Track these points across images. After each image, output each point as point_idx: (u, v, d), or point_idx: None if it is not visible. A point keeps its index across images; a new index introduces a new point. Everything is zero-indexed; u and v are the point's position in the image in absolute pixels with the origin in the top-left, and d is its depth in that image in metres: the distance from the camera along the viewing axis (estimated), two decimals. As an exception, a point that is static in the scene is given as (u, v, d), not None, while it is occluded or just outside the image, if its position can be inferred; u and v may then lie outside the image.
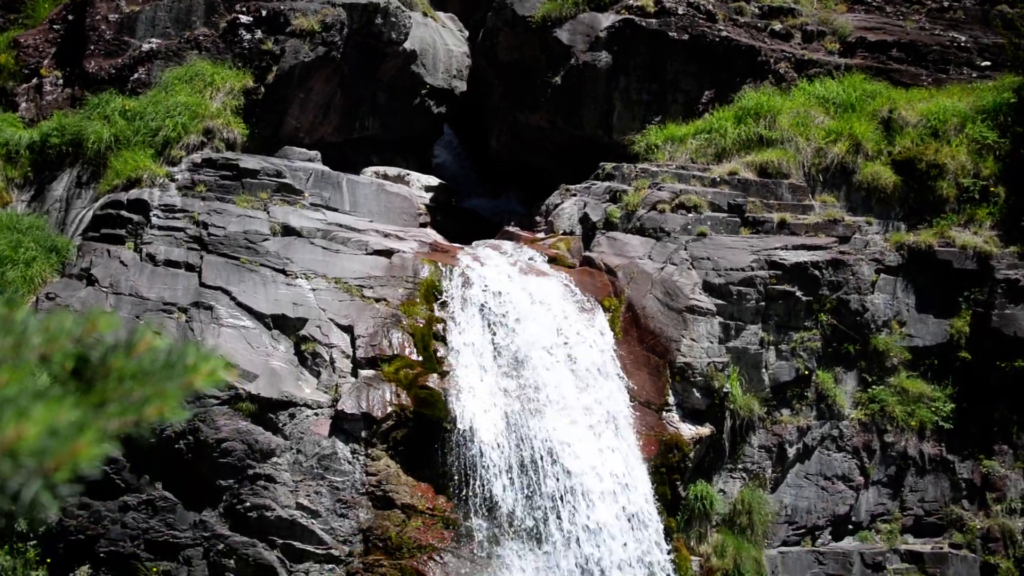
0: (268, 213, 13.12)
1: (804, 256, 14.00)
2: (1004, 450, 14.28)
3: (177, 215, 12.67)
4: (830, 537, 14.05)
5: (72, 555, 10.72)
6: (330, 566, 11.33)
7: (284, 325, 12.27)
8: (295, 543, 11.28)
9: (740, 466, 13.59)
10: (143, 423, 1.16)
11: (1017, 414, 14.29)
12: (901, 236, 15.08)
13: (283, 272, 12.54)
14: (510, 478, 11.56)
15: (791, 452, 13.81)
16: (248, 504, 11.25)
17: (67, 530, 10.69)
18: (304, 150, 14.68)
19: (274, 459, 11.43)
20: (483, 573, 11.24)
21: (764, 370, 13.76)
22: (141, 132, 13.49)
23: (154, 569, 10.94)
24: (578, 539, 11.41)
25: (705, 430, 13.17)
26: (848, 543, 14.07)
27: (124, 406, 1.12)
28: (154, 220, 12.51)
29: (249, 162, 13.67)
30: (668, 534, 12.22)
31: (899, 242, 14.96)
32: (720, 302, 13.53)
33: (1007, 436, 14.30)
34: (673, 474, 12.90)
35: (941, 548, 14.00)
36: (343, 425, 11.72)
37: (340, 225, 13.53)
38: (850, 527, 14.17)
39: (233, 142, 14.30)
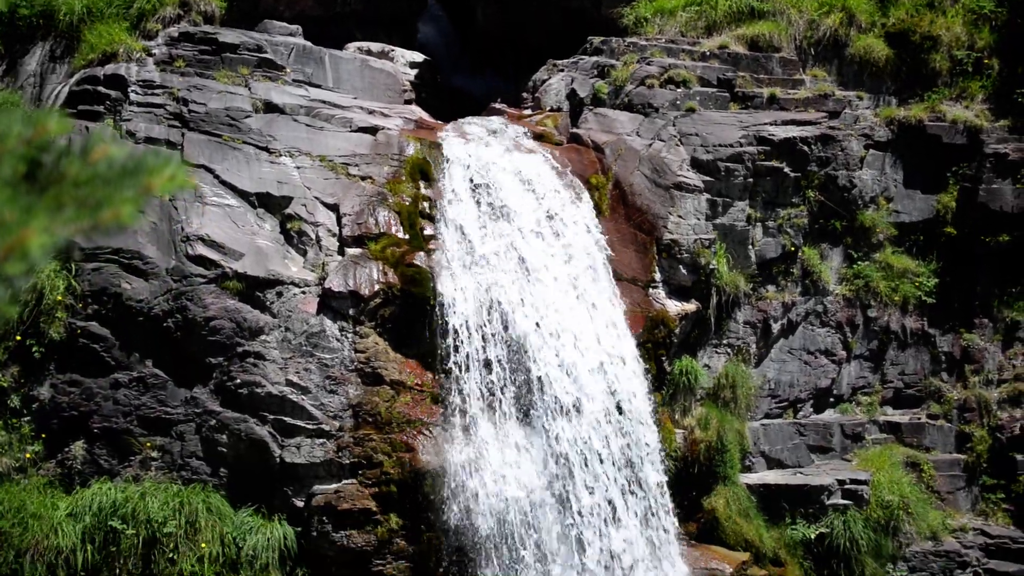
0: (249, 89, 12.84)
1: (793, 131, 13.86)
2: (984, 323, 14.49)
3: (156, 91, 12.39)
4: (812, 410, 14.37)
5: (66, 431, 10.88)
6: (321, 440, 11.54)
7: (269, 204, 12.17)
8: (286, 418, 11.45)
9: (725, 342, 13.77)
10: (100, 227, 1.12)
11: (999, 288, 14.45)
12: (892, 111, 14.91)
13: (266, 150, 12.37)
14: (497, 355, 11.67)
15: (775, 327, 13.98)
16: (238, 381, 11.38)
17: (60, 407, 10.81)
18: (285, 24, 14.26)
19: (263, 337, 11.50)
20: (471, 447, 11.46)
21: (750, 247, 13.79)
22: (114, 4, 13.05)
23: (148, 444, 11.14)
24: (565, 412, 11.61)
25: (691, 306, 13.28)
26: (829, 415, 14.40)
27: (79, 210, 1.08)
28: (132, 96, 12.24)
29: (228, 36, 13.30)
30: (653, 408, 12.45)
31: (889, 117, 14.80)
32: (708, 179, 13.46)
33: (988, 310, 14.49)
34: (659, 349, 13.07)
35: (919, 419, 14.36)
36: (331, 303, 11.76)
37: (323, 102, 13.27)
38: (831, 400, 14.48)
39: (211, 15, 13.88)
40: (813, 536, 12.82)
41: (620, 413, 11.89)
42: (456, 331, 11.64)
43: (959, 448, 14.19)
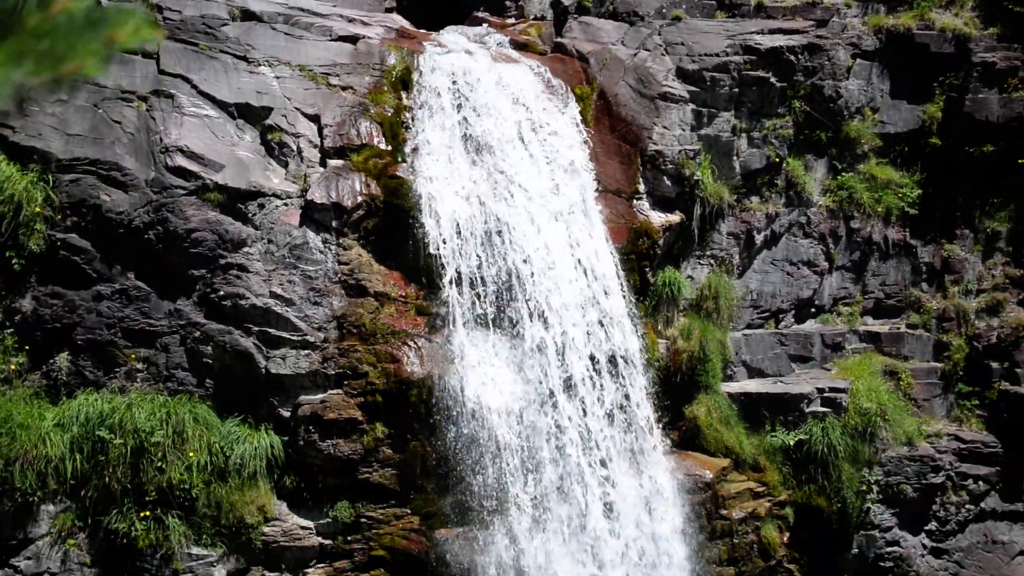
0: (225, -4, 12.52)
1: (780, 40, 13.69)
2: (965, 234, 14.57)
3: (129, -3, 12.05)
4: (793, 320, 14.51)
5: (50, 343, 10.88)
6: (306, 351, 11.59)
7: (249, 114, 11.98)
8: (270, 330, 11.48)
9: (708, 253, 13.81)
10: (63, 79, 1.09)
11: (980, 199, 14.49)
12: (880, 19, 14.71)
13: (244, 59, 12.12)
14: (479, 266, 11.68)
15: (759, 239, 14.01)
16: (222, 293, 11.36)
17: (42, 319, 10.79)
18: (260, -72, 13.83)
19: (245, 249, 11.45)
20: (456, 358, 11.54)
21: (735, 158, 13.74)
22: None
23: (132, 356, 11.16)
24: (547, 320, 11.68)
25: (675, 218, 13.28)
26: (810, 325, 14.56)
27: (40, 63, 1.05)
28: (103, 2, 11.90)
29: (202, -59, 12.90)
30: (637, 319, 12.55)
31: (878, 25, 14.61)
32: (693, 89, 13.32)
33: (969, 221, 14.56)
34: (642, 261, 13.11)
35: (898, 328, 14.54)
36: (313, 215, 11.69)
37: (302, 9, 12.98)
38: (812, 310, 14.61)
39: (183, -81, 13.42)
40: (792, 443, 13.08)
41: (601, 327, 11.98)
42: (439, 242, 11.62)
43: (936, 357, 14.40)
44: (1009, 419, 13.61)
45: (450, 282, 11.63)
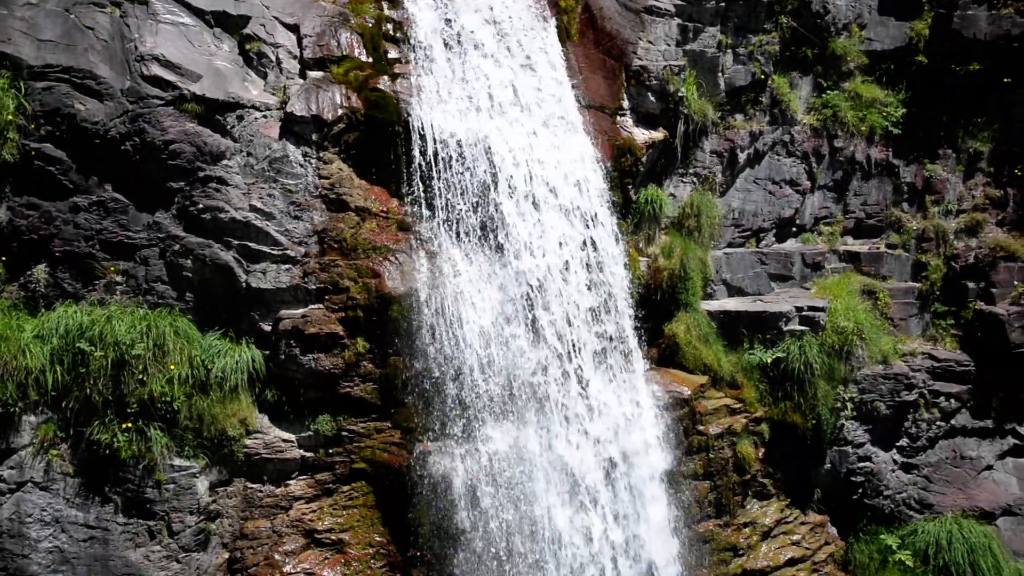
0: (199, -102, 12.10)
1: (769, -47, 13.44)
2: (948, 154, 14.57)
3: (99, -102, 11.62)
4: (774, 239, 14.56)
5: (27, 254, 10.75)
6: (287, 266, 11.54)
7: (226, 23, 11.70)
8: (250, 244, 11.40)
9: (691, 171, 13.75)
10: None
11: (965, 118, 14.45)
12: (870, -67, 14.45)
13: (220, -35, 11.78)
14: (461, 180, 11.59)
15: (742, 157, 13.95)
16: (201, 206, 11.24)
17: (18, 229, 10.64)
18: None
19: (224, 162, 11.29)
20: (438, 273, 11.52)
21: (720, 74, 13.59)
22: None
23: (111, 268, 11.07)
24: (528, 242, 11.66)
25: (658, 134, 13.18)
26: (791, 244, 14.62)
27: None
28: (74, -97, 11.49)
29: None
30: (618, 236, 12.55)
31: (868, -61, 14.36)
32: (679, 3, 13.10)
33: (952, 141, 14.54)
34: (625, 178, 13.05)
35: (878, 248, 14.63)
36: (293, 128, 11.52)
37: (279, -86, 12.58)
38: (794, 230, 14.65)
39: None
40: (769, 360, 13.23)
41: (584, 247, 11.96)
42: (421, 156, 11.51)
43: (914, 277, 14.53)
44: (983, 338, 13.80)
45: (432, 196, 11.54)
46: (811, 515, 13.57)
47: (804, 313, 13.34)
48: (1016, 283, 13.73)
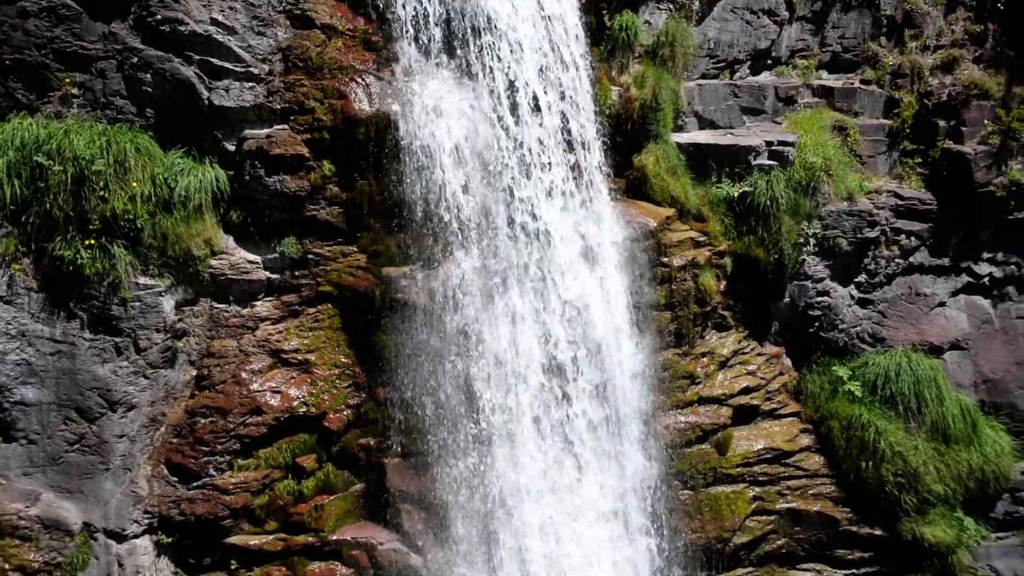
0: None
1: None
2: (931, -14, 14.24)
3: None
4: (748, 71, 14.32)
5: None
6: (250, 84, 11.22)
7: None
8: (212, 60, 11.03)
9: (668, -3, 13.35)
10: None
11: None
12: None
13: None
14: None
15: (721, -14, 13.54)
16: (159, 17, 10.78)
17: (-34, 36, 10.21)
18: None
19: (182, -30, 10.76)
20: (406, 95, 11.26)
21: None
22: None
23: (67, 80, 10.69)
24: (499, 55, 11.38)
25: (636, -44, 12.71)
26: (765, 77, 14.40)
27: None
28: None
29: None
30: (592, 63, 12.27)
31: None
32: None
33: (936, -29, 14.19)
34: (599, 2, 12.65)
35: (852, 83, 14.46)
36: (254, -65, 10.94)
37: None
38: (769, 62, 14.40)
39: None
40: (736, 194, 13.25)
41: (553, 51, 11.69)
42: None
43: (886, 114, 14.44)
44: (948, 176, 13.87)
45: (399, 15, 11.16)
46: (768, 347, 13.94)
47: (774, 148, 13.28)
48: (986, 122, 13.71)
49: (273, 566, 11.95)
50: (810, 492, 13.38)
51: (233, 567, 11.83)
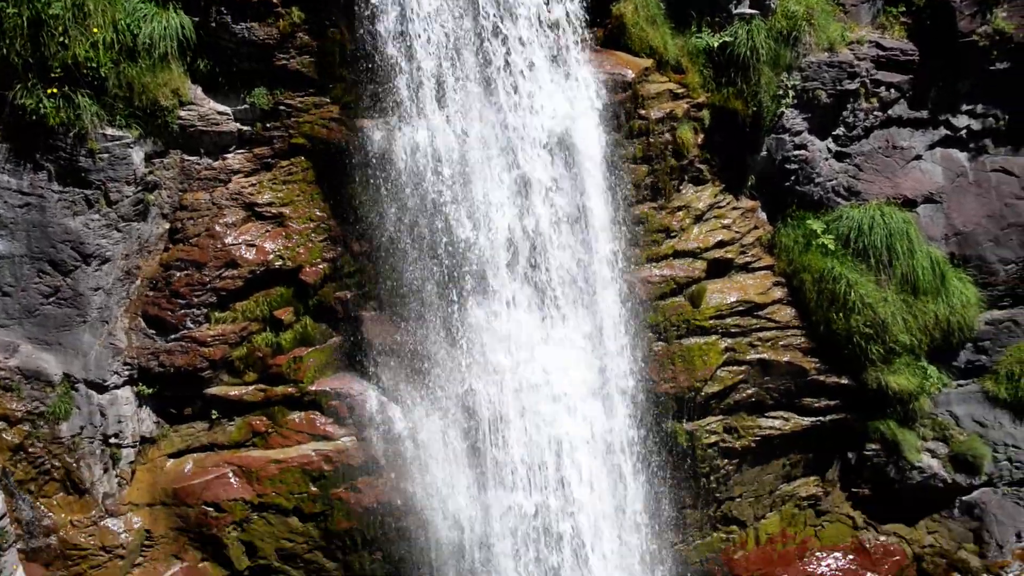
0: None
1: None
2: None
3: None
4: (731, -85, 13.80)
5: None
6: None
7: None
8: None
9: None
10: None
11: None
12: None
13: None
14: None
15: None
16: None
17: None
18: None
19: None
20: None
21: None
22: None
23: (18, -83, 10.20)
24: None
25: None
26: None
27: None
28: None
29: None
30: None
31: None
32: None
33: None
34: None
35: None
36: None
37: None
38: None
39: None
40: (716, 45, 12.98)
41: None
42: None
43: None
44: (932, 26, 13.58)
45: None
46: (743, 200, 13.93)
47: (755, -5, 12.96)
48: (972, -30, 13.39)
49: (254, 416, 12.21)
50: (780, 343, 13.65)
51: (214, 416, 12.08)
